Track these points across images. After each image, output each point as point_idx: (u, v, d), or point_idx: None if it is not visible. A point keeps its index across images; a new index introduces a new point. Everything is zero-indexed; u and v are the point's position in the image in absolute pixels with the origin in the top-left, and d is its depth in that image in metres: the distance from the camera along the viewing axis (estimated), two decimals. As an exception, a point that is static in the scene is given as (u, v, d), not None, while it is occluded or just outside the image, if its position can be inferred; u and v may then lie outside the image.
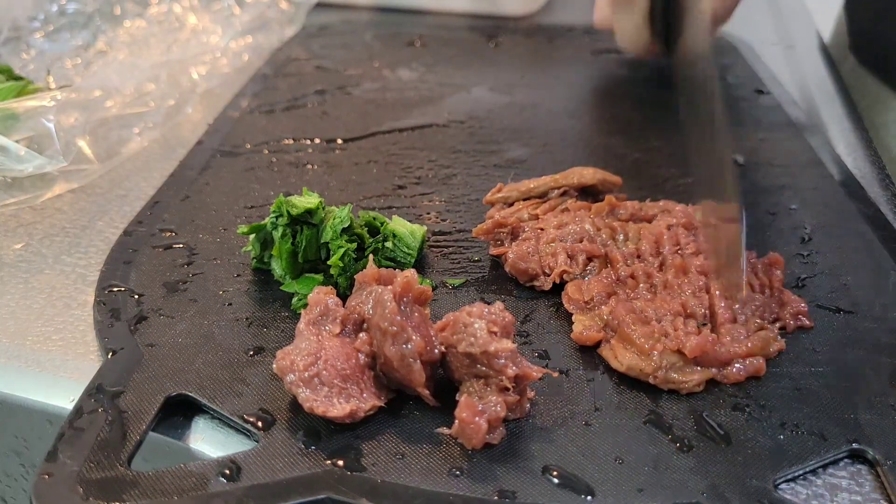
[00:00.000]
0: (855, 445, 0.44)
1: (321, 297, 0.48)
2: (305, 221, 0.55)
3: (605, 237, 0.59)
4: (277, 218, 0.55)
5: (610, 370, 0.49)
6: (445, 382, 0.47)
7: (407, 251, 0.58)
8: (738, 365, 0.49)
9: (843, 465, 0.44)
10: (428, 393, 0.45)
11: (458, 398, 0.44)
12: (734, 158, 0.75)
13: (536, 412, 0.46)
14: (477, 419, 0.43)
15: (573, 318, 0.53)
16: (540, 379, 0.46)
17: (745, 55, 0.98)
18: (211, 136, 0.78)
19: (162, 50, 0.87)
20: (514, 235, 0.60)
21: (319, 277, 0.55)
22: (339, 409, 0.43)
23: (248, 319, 0.53)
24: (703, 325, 0.52)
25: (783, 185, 0.71)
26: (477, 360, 0.44)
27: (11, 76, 0.77)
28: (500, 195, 0.64)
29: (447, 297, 0.56)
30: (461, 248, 0.62)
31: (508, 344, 0.44)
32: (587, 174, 0.64)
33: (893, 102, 0.92)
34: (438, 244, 0.62)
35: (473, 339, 0.44)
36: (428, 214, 0.66)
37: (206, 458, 0.44)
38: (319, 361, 0.45)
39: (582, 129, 0.83)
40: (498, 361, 0.44)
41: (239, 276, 0.58)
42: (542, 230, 0.60)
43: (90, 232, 0.64)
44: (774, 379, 0.49)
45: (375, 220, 0.58)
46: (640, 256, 0.57)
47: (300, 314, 0.48)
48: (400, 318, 0.44)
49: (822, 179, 0.71)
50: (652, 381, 0.48)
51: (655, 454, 0.44)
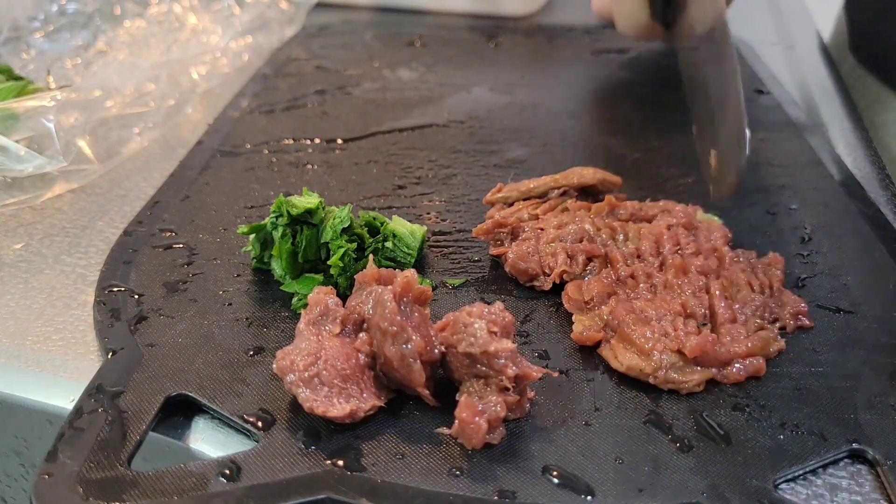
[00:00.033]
0: (855, 445, 0.44)
1: (321, 297, 0.48)
2: (305, 221, 0.55)
3: (604, 237, 0.59)
4: (277, 218, 0.55)
5: (610, 370, 0.49)
6: (445, 382, 0.47)
7: (407, 251, 0.58)
8: (738, 365, 0.49)
9: (843, 465, 0.44)
10: (428, 393, 0.45)
11: (458, 398, 0.44)
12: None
13: (536, 412, 0.46)
14: (477, 419, 0.43)
15: (573, 318, 0.53)
16: (540, 379, 0.46)
17: (745, 55, 0.98)
18: (211, 136, 0.78)
19: (162, 50, 0.87)
20: (513, 235, 0.60)
21: (319, 277, 0.55)
22: (339, 409, 0.43)
23: (248, 319, 0.53)
24: (703, 325, 0.52)
25: (783, 185, 0.71)
26: (477, 360, 0.44)
27: (11, 76, 0.77)
28: (500, 195, 0.64)
29: (447, 297, 0.56)
30: (461, 248, 0.62)
31: (508, 344, 0.44)
32: (587, 174, 0.64)
33: (893, 102, 0.92)
34: (438, 244, 0.62)
35: (473, 339, 0.44)
36: (428, 214, 0.66)
37: (206, 458, 0.44)
38: (319, 361, 0.45)
39: (582, 129, 0.83)
40: (498, 361, 0.44)
41: (239, 276, 0.58)
42: (541, 230, 0.60)
43: (90, 232, 0.64)
44: (774, 379, 0.49)
45: (375, 220, 0.58)
46: (640, 256, 0.57)
47: (300, 314, 0.48)
48: (400, 318, 0.44)
49: (822, 179, 0.71)
50: (652, 381, 0.48)
51: (655, 454, 0.44)
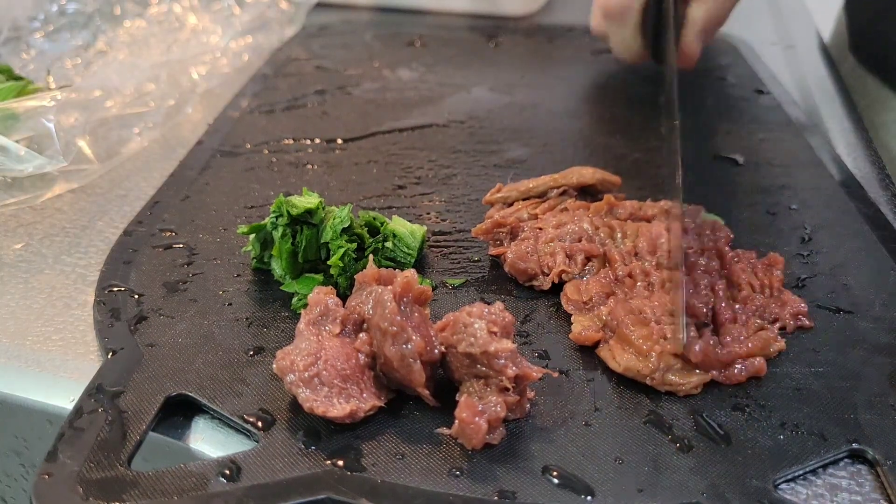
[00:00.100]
0: (855, 445, 0.44)
1: (321, 297, 0.48)
2: (305, 221, 0.55)
3: (603, 236, 0.59)
4: (277, 218, 0.55)
5: (610, 370, 0.49)
6: (445, 382, 0.47)
7: (407, 251, 0.58)
8: (738, 365, 0.49)
9: (843, 465, 0.44)
10: (428, 393, 0.45)
11: (458, 398, 0.44)
12: (734, 157, 0.75)
13: (536, 412, 0.46)
14: (477, 419, 0.43)
15: (572, 318, 0.53)
16: (540, 379, 0.46)
17: (745, 55, 0.98)
18: (211, 136, 0.78)
19: (162, 50, 0.87)
20: (513, 235, 0.60)
21: (319, 277, 0.55)
22: (339, 409, 0.43)
23: (248, 319, 0.53)
24: (703, 325, 0.52)
25: (783, 185, 0.71)
26: (477, 360, 0.44)
27: (11, 76, 0.77)
28: (499, 195, 0.64)
29: (447, 297, 0.56)
30: (461, 248, 0.62)
31: (508, 344, 0.44)
32: (586, 174, 0.64)
33: (893, 102, 0.92)
34: (438, 244, 0.62)
35: (473, 339, 0.44)
36: (428, 214, 0.66)
37: (206, 458, 0.44)
38: (319, 361, 0.45)
39: (582, 129, 0.83)
40: (498, 361, 0.44)
41: (239, 276, 0.58)
42: (540, 230, 0.60)
43: (90, 232, 0.64)
44: (774, 379, 0.49)
45: (375, 220, 0.58)
46: (637, 254, 0.57)
47: (300, 314, 0.48)
48: (400, 318, 0.44)
49: (822, 179, 0.71)
50: (649, 382, 0.48)
51: (655, 454, 0.44)
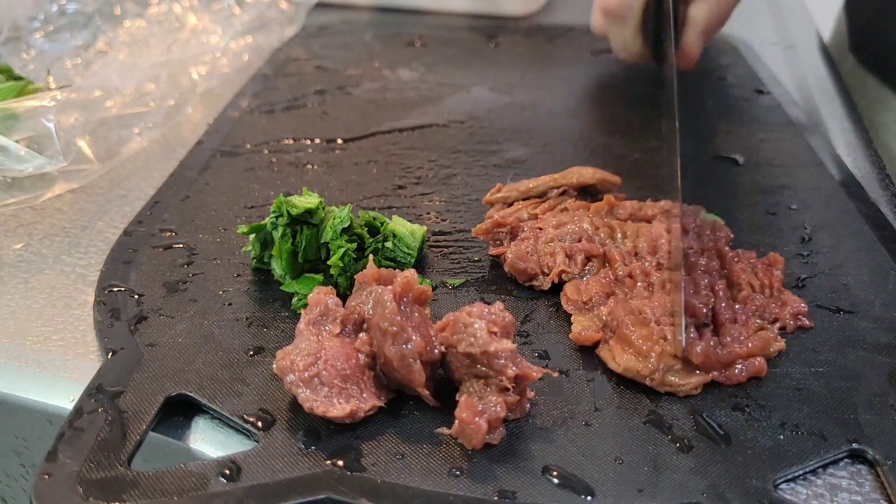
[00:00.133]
0: (855, 445, 0.44)
1: (321, 297, 0.48)
2: (305, 221, 0.55)
3: (603, 236, 0.59)
4: (277, 218, 0.55)
5: (610, 370, 0.49)
6: (445, 382, 0.47)
7: (407, 251, 0.58)
8: (738, 365, 0.49)
9: (843, 465, 0.44)
10: (428, 393, 0.45)
11: (458, 398, 0.44)
12: (734, 157, 0.75)
13: (536, 412, 0.46)
14: (477, 419, 0.43)
15: (572, 318, 0.53)
16: (540, 379, 0.46)
17: (745, 55, 0.98)
18: (211, 136, 0.78)
19: (162, 50, 0.87)
20: (513, 235, 0.60)
21: (319, 277, 0.55)
22: (339, 409, 0.43)
23: (248, 319, 0.53)
24: (703, 325, 0.52)
25: (783, 185, 0.71)
26: (477, 360, 0.44)
27: (11, 76, 0.77)
28: (499, 195, 0.64)
29: (447, 297, 0.56)
30: (461, 248, 0.62)
31: (508, 344, 0.44)
32: (586, 174, 0.64)
33: (893, 102, 0.92)
34: (438, 244, 0.62)
35: (473, 339, 0.44)
36: (428, 214, 0.66)
37: (206, 458, 0.44)
38: (319, 361, 0.45)
39: (582, 129, 0.83)
40: (498, 361, 0.44)
41: (239, 276, 0.58)
42: (540, 230, 0.60)
43: (90, 232, 0.64)
44: (774, 379, 0.49)
45: (375, 220, 0.58)
46: (637, 254, 0.57)
47: (300, 314, 0.48)
48: (400, 318, 0.44)
49: (822, 179, 0.71)
50: (649, 383, 0.48)
51: (655, 454, 0.44)
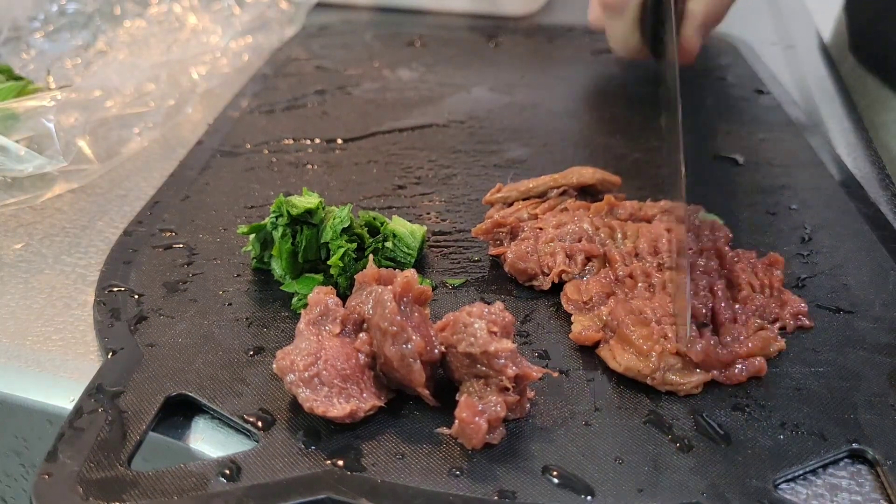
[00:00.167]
0: (855, 445, 0.44)
1: (321, 297, 0.48)
2: (305, 221, 0.55)
3: (603, 237, 0.59)
4: (277, 218, 0.55)
5: (610, 370, 0.49)
6: (445, 382, 0.47)
7: (407, 251, 0.58)
8: (739, 365, 0.49)
9: (843, 465, 0.44)
10: (428, 393, 0.45)
11: (458, 398, 0.44)
12: (734, 157, 0.75)
13: (536, 412, 0.46)
14: (477, 419, 0.43)
15: (572, 318, 0.53)
16: (540, 379, 0.46)
17: (745, 55, 0.98)
18: (211, 136, 0.78)
19: (162, 50, 0.87)
20: (513, 235, 0.60)
21: (319, 277, 0.55)
22: (339, 409, 0.43)
23: (248, 319, 0.53)
24: (703, 325, 0.52)
25: (783, 185, 0.71)
26: (477, 360, 0.44)
27: (11, 76, 0.77)
28: (499, 195, 0.64)
29: (447, 297, 0.56)
30: (461, 248, 0.62)
31: (508, 344, 0.44)
32: (586, 174, 0.64)
33: (893, 102, 0.92)
34: (438, 244, 0.62)
35: (473, 339, 0.44)
36: (428, 214, 0.66)
37: (206, 458, 0.44)
38: (319, 361, 0.45)
39: (582, 129, 0.83)
40: (498, 361, 0.44)
41: (239, 276, 0.58)
42: (540, 230, 0.60)
43: (90, 232, 0.64)
44: (774, 379, 0.49)
45: (375, 220, 0.58)
46: (637, 255, 0.57)
47: (300, 314, 0.48)
48: (400, 318, 0.44)
49: (822, 179, 0.71)
50: (650, 382, 0.48)
51: (655, 454, 0.44)
